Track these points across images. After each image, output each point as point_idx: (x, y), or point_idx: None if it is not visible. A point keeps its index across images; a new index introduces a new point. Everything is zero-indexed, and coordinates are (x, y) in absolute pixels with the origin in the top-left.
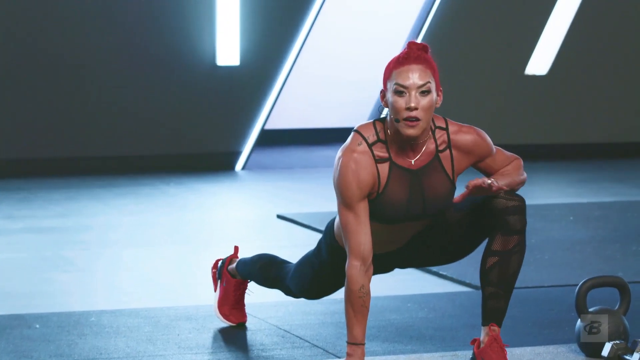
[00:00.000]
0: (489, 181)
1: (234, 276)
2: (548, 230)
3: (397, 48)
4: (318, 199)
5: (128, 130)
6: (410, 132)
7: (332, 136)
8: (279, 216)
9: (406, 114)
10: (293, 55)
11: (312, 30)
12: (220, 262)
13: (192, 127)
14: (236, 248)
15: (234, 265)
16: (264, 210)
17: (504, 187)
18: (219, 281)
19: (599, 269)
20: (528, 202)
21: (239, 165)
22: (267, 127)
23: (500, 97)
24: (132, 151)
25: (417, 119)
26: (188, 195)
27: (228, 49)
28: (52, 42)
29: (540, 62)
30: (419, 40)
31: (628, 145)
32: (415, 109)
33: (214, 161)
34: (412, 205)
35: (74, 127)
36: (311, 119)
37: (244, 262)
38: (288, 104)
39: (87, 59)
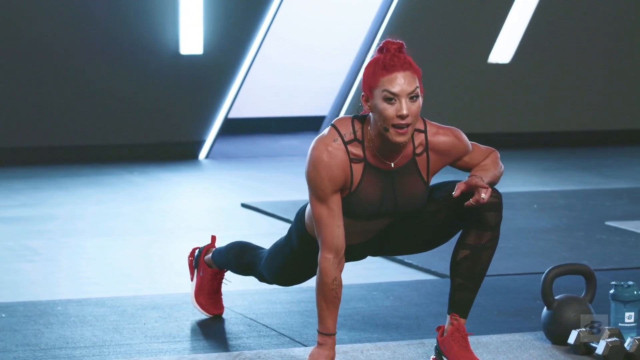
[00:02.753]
0: (482, 195)
1: (210, 266)
2: (513, 219)
3: (359, 37)
4: (282, 188)
5: (91, 120)
6: (400, 139)
7: (295, 125)
8: (243, 205)
9: (397, 121)
10: (256, 44)
11: (275, 19)
12: (197, 251)
13: (156, 116)
14: (213, 238)
15: (210, 255)
16: (228, 199)
17: (489, 188)
18: (195, 270)
19: (563, 257)
20: None
21: (202, 154)
22: (231, 115)
23: (464, 86)
24: (96, 141)
25: (407, 125)
26: (152, 184)
27: (191, 37)
28: (11, 30)
29: (503, 50)
30: (381, 31)
31: (592, 133)
32: (407, 116)
33: (178, 150)
34: (384, 205)
35: (37, 116)
36: (275, 107)
37: (219, 251)
38: (251, 93)
39: (48, 48)
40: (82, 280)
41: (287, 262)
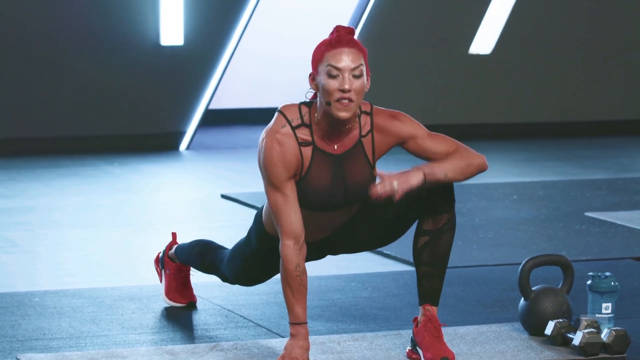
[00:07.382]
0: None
1: (174, 260)
2: (492, 209)
3: None
4: (262, 179)
5: (71, 111)
6: (343, 114)
7: None
8: (223, 196)
9: (339, 95)
10: (237, 35)
11: (255, 10)
12: (161, 253)
13: (136, 107)
14: (174, 234)
15: (173, 250)
16: (208, 190)
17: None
18: (162, 270)
19: (542, 247)
20: (472, 181)
21: (183, 145)
22: (212, 107)
23: (445, 77)
24: (76, 132)
25: (350, 100)
26: (132, 175)
27: (172, 28)
28: None
29: (484, 41)
30: (362, 22)
31: (572, 124)
32: (349, 90)
33: (158, 141)
34: (334, 192)
35: (15, 107)
36: (255, 98)
37: (181, 247)
38: (232, 84)
39: (26, 40)
40: (61, 271)
41: (247, 263)
